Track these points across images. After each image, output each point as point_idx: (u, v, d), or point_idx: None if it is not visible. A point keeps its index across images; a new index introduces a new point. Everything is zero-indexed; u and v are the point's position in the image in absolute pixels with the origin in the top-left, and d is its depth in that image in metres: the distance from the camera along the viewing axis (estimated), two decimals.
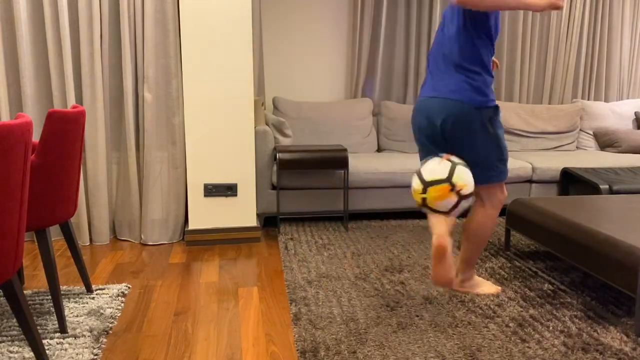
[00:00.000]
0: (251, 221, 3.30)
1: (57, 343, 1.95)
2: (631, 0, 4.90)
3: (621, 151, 4.45)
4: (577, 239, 2.38)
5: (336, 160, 3.44)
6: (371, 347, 1.94)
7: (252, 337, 2.05)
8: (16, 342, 1.95)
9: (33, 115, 3.07)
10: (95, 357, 1.87)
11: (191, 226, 3.24)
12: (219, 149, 3.19)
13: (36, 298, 2.36)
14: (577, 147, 4.74)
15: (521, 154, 4.27)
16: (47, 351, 1.89)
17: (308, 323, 2.13)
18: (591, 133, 4.74)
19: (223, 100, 3.15)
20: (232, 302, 2.39)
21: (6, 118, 3.03)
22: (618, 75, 5.00)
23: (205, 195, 3.22)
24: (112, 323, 2.15)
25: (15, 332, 2.03)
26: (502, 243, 3.24)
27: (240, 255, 3.08)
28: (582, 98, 4.97)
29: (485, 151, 2.22)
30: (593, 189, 3.54)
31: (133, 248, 3.18)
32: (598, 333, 2.06)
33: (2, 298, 2.37)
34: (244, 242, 3.30)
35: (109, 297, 2.38)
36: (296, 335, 2.04)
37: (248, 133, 3.21)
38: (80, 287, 2.50)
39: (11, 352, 1.88)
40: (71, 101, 3.06)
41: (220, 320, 2.21)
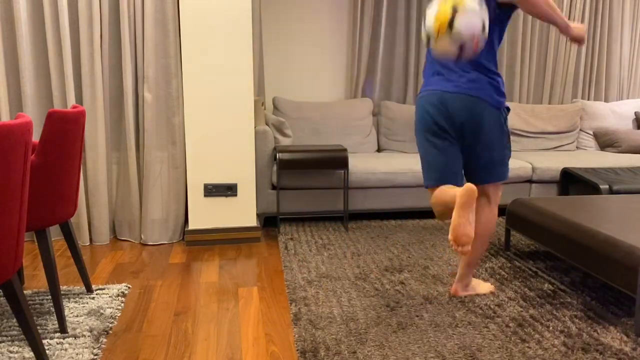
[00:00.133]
0: (251, 221, 3.31)
1: (57, 343, 1.95)
2: (631, 0, 4.90)
3: (621, 151, 4.45)
4: (577, 239, 2.38)
5: (336, 160, 3.44)
6: (371, 347, 1.94)
7: (252, 337, 2.05)
8: (16, 342, 1.95)
9: (33, 115, 3.07)
10: (95, 357, 1.87)
11: (191, 226, 3.24)
12: (219, 149, 3.19)
13: (36, 298, 2.36)
14: (577, 147, 4.74)
15: (521, 154, 4.27)
16: (47, 351, 1.89)
17: (308, 323, 2.13)
18: (591, 133, 4.74)
19: (223, 100, 3.15)
20: (232, 302, 2.39)
21: (6, 118, 3.03)
22: (618, 75, 5.00)
23: (205, 195, 3.22)
24: (112, 323, 2.15)
25: (15, 332, 2.03)
26: (502, 243, 3.24)
27: (240, 255, 3.08)
28: (582, 98, 4.97)
29: (500, 150, 2.25)
30: (593, 189, 3.54)
31: (133, 248, 3.18)
32: (598, 333, 2.06)
33: (2, 298, 2.38)
34: (244, 242, 3.30)
35: (109, 297, 2.38)
36: (296, 335, 2.04)
37: (248, 133, 3.21)
38: (80, 287, 2.50)
39: (11, 352, 1.88)
40: (71, 101, 3.06)
41: (220, 320, 2.21)
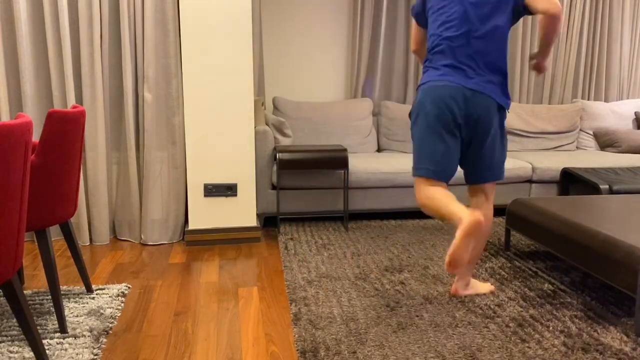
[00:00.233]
0: (251, 221, 3.31)
1: (57, 343, 1.95)
2: (631, 0, 4.90)
3: (621, 151, 4.45)
4: (577, 239, 2.38)
5: (336, 160, 3.44)
6: (371, 347, 1.94)
7: (252, 337, 2.05)
8: (16, 342, 1.95)
9: (33, 115, 3.07)
10: (95, 357, 1.87)
11: (191, 226, 3.24)
12: (219, 149, 3.19)
13: (36, 298, 2.36)
14: (577, 147, 4.74)
15: (521, 154, 4.27)
16: (47, 351, 1.89)
17: (308, 323, 2.13)
18: (591, 133, 4.74)
19: (223, 100, 3.15)
20: (232, 302, 2.39)
21: (6, 118, 3.03)
22: (618, 75, 5.00)
23: (205, 195, 3.22)
24: (112, 323, 2.15)
25: (15, 332, 2.03)
26: (502, 243, 3.24)
27: (240, 255, 3.08)
28: (582, 98, 4.97)
29: (501, 150, 2.30)
30: (593, 189, 3.54)
31: (133, 248, 3.18)
32: (598, 333, 2.06)
33: (2, 298, 2.38)
34: (244, 242, 3.30)
35: (109, 297, 2.38)
36: (296, 335, 2.04)
37: (248, 133, 3.21)
38: (80, 287, 2.50)
39: (11, 352, 1.88)
40: (71, 101, 3.06)
41: (220, 320, 2.21)
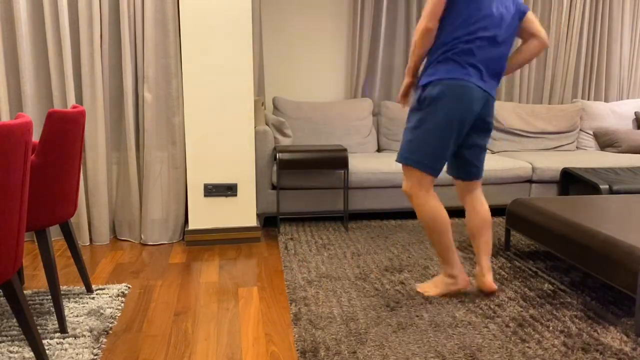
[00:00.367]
0: (251, 221, 3.31)
1: (57, 343, 1.95)
2: (631, 0, 4.90)
3: (621, 151, 4.45)
4: (577, 239, 2.38)
5: (336, 160, 3.44)
6: (371, 347, 1.94)
7: (252, 337, 2.05)
8: (16, 342, 1.95)
9: (33, 115, 3.07)
10: (95, 357, 1.87)
11: (191, 226, 3.24)
12: (219, 149, 3.19)
13: (36, 298, 2.36)
14: (577, 147, 4.74)
15: (521, 154, 4.27)
16: (47, 351, 1.89)
17: (308, 323, 2.13)
18: (591, 133, 4.74)
19: (223, 100, 3.15)
20: (232, 302, 2.39)
21: (6, 118, 3.03)
22: (618, 75, 5.00)
23: (205, 195, 3.22)
24: (112, 323, 2.15)
25: (15, 332, 2.03)
26: (502, 243, 3.24)
27: (240, 255, 3.08)
28: (582, 98, 4.97)
29: None
30: (593, 189, 3.54)
31: (133, 248, 3.18)
32: (598, 333, 2.06)
33: (2, 298, 2.38)
34: (244, 242, 3.30)
35: (109, 297, 2.38)
36: (296, 335, 2.04)
37: (248, 133, 3.21)
38: (80, 287, 2.50)
39: (11, 352, 1.88)
40: (71, 101, 3.06)
41: (220, 320, 2.21)
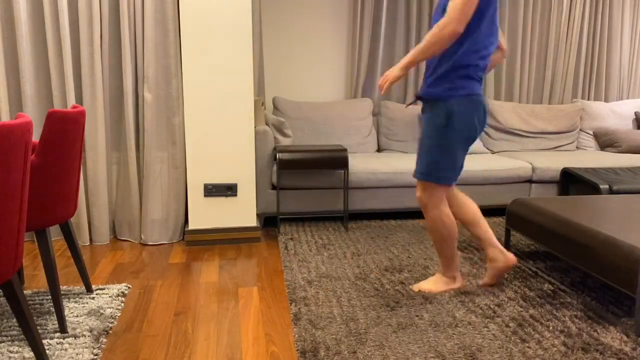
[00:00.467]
0: (251, 221, 3.31)
1: (57, 343, 1.95)
2: (631, 0, 4.90)
3: (621, 151, 4.45)
4: (577, 239, 2.38)
5: (336, 160, 3.44)
6: (371, 347, 1.94)
7: (252, 337, 2.05)
8: (16, 342, 1.95)
9: (33, 115, 3.07)
10: (95, 357, 1.87)
11: (191, 226, 3.24)
12: (219, 149, 3.19)
13: (36, 298, 2.36)
14: (577, 147, 4.74)
15: (521, 154, 4.27)
16: (47, 351, 1.89)
17: (308, 323, 2.13)
18: (591, 133, 4.74)
19: (223, 100, 3.15)
20: (232, 302, 2.39)
21: (6, 118, 3.03)
22: (618, 75, 5.00)
23: (205, 195, 3.22)
24: (112, 323, 2.15)
25: (15, 332, 2.03)
26: (502, 243, 3.23)
27: (240, 255, 3.08)
28: (582, 98, 4.97)
29: None
30: (593, 189, 3.54)
31: (133, 248, 3.18)
32: (598, 333, 2.06)
33: (2, 298, 2.38)
34: (244, 242, 3.30)
35: (109, 297, 2.38)
36: (296, 335, 2.04)
37: (248, 133, 3.21)
38: (80, 287, 2.51)
39: (11, 352, 1.88)
40: (71, 101, 3.06)
41: (220, 320, 2.21)
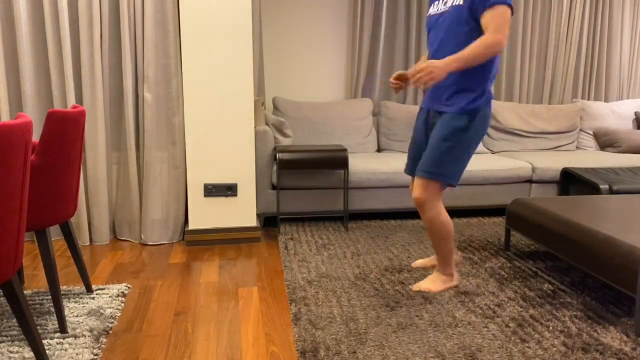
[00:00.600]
0: (251, 221, 3.31)
1: (57, 343, 1.95)
2: (631, 0, 4.90)
3: (621, 151, 4.45)
4: (577, 239, 2.38)
5: (336, 160, 3.44)
6: (371, 347, 1.94)
7: (252, 337, 2.05)
8: (16, 342, 1.95)
9: (33, 115, 3.07)
10: (95, 357, 1.87)
11: (191, 226, 3.24)
12: (219, 149, 3.19)
13: (36, 298, 2.36)
14: (577, 147, 4.74)
15: (521, 154, 4.28)
16: (47, 351, 1.89)
17: (308, 323, 2.13)
18: (591, 133, 4.74)
19: (223, 100, 3.15)
20: (232, 302, 2.39)
21: (6, 118, 3.03)
22: (618, 75, 5.00)
23: (205, 195, 3.22)
24: (112, 323, 2.15)
25: (15, 332, 2.03)
26: (502, 243, 3.24)
27: (240, 255, 3.08)
28: (582, 98, 4.97)
29: None
30: (593, 189, 3.54)
31: (133, 248, 3.18)
32: (598, 333, 2.06)
33: (2, 298, 2.38)
34: (244, 242, 3.30)
35: (109, 297, 2.38)
36: (296, 335, 2.04)
37: (248, 133, 3.21)
38: (80, 287, 2.51)
39: (11, 352, 1.88)
40: (71, 101, 3.06)
41: (220, 320, 2.21)
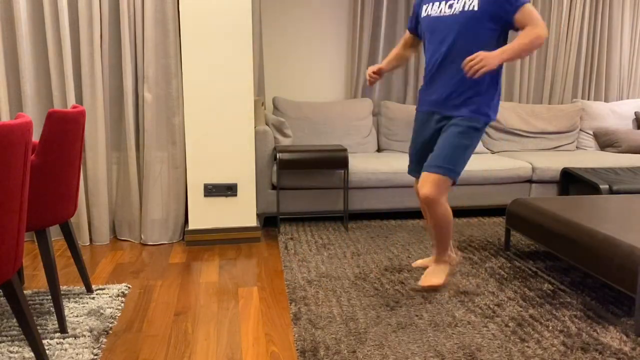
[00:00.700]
0: (251, 221, 3.31)
1: (57, 343, 1.95)
2: (631, 0, 4.90)
3: (621, 151, 4.45)
4: (577, 239, 2.38)
5: (336, 160, 3.44)
6: (371, 347, 1.94)
7: (252, 337, 2.05)
8: (16, 342, 1.96)
9: (33, 115, 3.08)
10: (95, 357, 1.87)
11: (191, 226, 3.24)
12: (219, 149, 3.19)
13: (36, 298, 2.36)
14: (577, 147, 4.74)
15: (521, 154, 4.28)
16: (47, 351, 1.89)
17: (308, 323, 2.14)
18: (591, 133, 4.74)
19: (223, 100, 3.15)
20: (232, 302, 2.39)
21: (6, 118, 3.04)
22: (618, 75, 5.00)
23: (205, 195, 3.22)
24: (112, 323, 2.15)
25: (15, 332, 2.03)
26: (502, 243, 3.24)
27: (240, 255, 3.08)
28: (582, 98, 4.97)
29: None
30: (593, 189, 3.54)
31: (133, 248, 3.18)
32: (598, 333, 2.06)
33: (2, 298, 2.38)
34: (244, 242, 3.30)
35: (109, 297, 2.38)
36: (296, 335, 2.04)
37: (248, 133, 3.21)
38: (80, 287, 2.51)
39: (11, 352, 1.88)
40: (71, 101, 3.06)
41: (220, 320, 2.21)
